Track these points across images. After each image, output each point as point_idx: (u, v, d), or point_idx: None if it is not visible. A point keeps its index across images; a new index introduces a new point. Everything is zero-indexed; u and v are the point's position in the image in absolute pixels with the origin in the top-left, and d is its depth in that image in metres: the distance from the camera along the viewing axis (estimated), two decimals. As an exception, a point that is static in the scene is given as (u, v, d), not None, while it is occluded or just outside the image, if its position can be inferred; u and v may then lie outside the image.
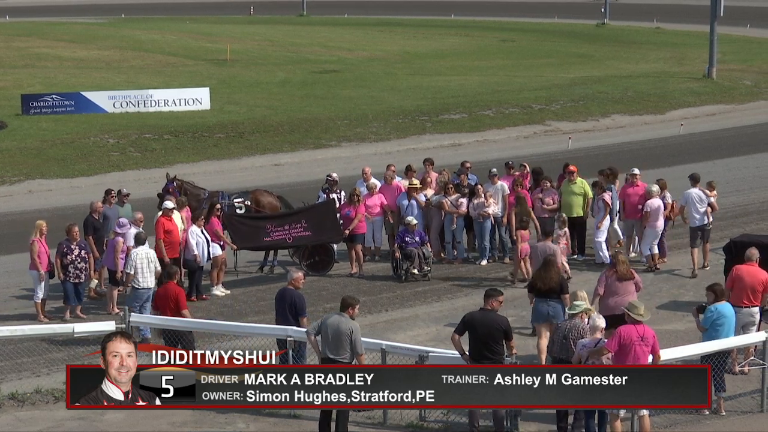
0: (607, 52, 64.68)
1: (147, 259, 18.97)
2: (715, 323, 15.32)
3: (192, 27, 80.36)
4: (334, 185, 23.81)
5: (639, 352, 13.68)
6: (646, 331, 13.79)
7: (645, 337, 13.75)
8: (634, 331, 13.72)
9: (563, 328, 14.83)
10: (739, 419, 15.22)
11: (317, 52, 65.13)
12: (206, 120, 41.56)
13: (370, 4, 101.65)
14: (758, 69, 56.76)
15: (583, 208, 22.99)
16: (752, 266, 16.78)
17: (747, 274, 16.65)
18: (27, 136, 38.79)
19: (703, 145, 38.71)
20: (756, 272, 16.68)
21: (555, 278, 17.10)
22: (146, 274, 18.88)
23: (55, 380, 16.52)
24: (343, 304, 14.59)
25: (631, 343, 13.67)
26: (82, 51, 63.66)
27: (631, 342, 13.67)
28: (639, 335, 13.73)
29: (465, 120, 43.07)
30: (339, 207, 23.08)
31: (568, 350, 14.54)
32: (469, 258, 23.50)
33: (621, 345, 13.65)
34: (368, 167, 24.54)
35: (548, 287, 16.99)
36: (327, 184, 23.95)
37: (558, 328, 15.06)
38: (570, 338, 14.60)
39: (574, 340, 14.51)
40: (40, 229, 19.92)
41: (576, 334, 14.57)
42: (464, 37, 74.89)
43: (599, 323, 14.38)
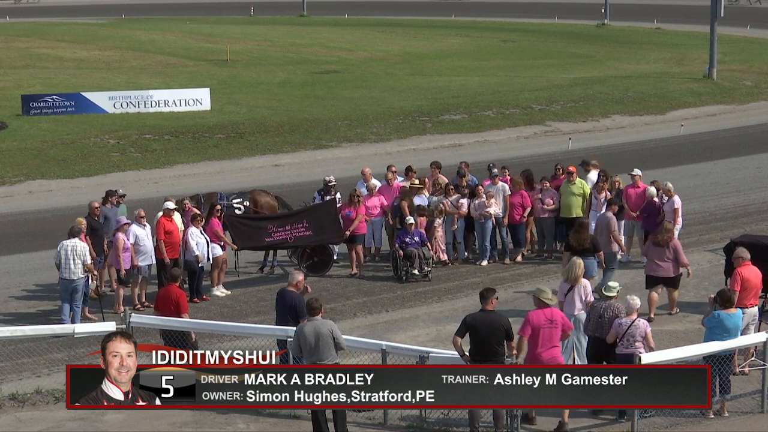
0: (608, 53, 64.67)
1: (73, 252, 19.23)
2: (712, 330, 15.25)
3: (192, 27, 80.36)
4: (331, 189, 23.76)
5: (547, 335, 14.46)
6: (554, 314, 14.63)
7: (553, 319, 14.55)
8: (542, 315, 14.54)
9: (599, 308, 15.58)
10: (739, 420, 15.22)
11: (317, 53, 65.14)
12: (206, 120, 41.56)
13: (370, 4, 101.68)
14: (758, 69, 56.77)
15: (582, 208, 22.99)
16: (750, 266, 16.90)
17: (752, 274, 16.79)
18: (27, 136, 38.79)
19: (703, 145, 38.71)
20: (756, 271, 16.86)
21: (587, 239, 19.40)
22: (71, 266, 19.24)
23: (55, 380, 16.52)
24: (312, 309, 14.47)
25: (540, 326, 14.46)
26: (83, 51, 63.66)
27: (540, 325, 14.46)
28: (547, 318, 14.53)
29: (465, 120, 43.07)
30: (339, 207, 23.08)
31: (602, 328, 15.32)
32: (469, 259, 23.50)
33: (533, 329, 14.39)
34: (368, 168, 24.53)
35: (582, 247, 19.21)
36: (324, 187, 23.90)
37: (594, 307, 15.77)
38: (605, 317, 15.38)
39: (609, 319, 15.32)
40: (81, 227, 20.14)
41: (611, 313, 15.37)
42: (465, 38, 74.88)
43: (635, 304, 15.25)
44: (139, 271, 20.64)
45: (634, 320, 15.09)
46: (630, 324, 15.05)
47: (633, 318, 15.12)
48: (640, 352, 14.77)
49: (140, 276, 20.73)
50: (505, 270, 22.81)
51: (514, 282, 21.98)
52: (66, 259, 19.25)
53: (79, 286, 19.35)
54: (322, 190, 23.87)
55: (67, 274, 19.29)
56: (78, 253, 19.26)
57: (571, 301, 16.49)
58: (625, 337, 15.01)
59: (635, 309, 15.19)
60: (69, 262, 19.25)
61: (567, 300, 16.50)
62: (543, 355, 14.40)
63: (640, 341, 15.00)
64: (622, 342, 15.05)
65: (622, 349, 15.01)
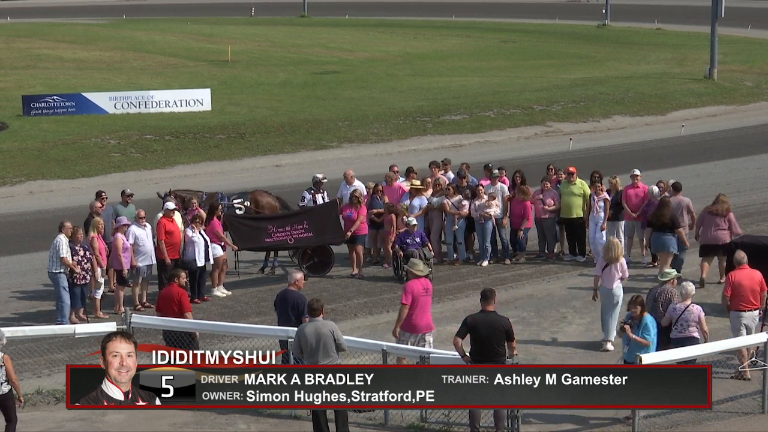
0: (608, 53, 64.69)
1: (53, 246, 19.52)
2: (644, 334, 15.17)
3: (193, 28, 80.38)
4: (320, 186, 23.81)
5: (424, 302, 15.86)
6: (427, 284, 16.09)
7: (428, 288, 15.99)
8: (419, 285, 15.86)
9: (654, 292, 16.40)
10: (740, 420, 15.21)
11: (318, 53, 65.15)
12: (207, 121, 41.56)
13: (371, 5, 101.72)
14: (759, 70, 56.78)
15: (582, 208, 22.99)
16: (746, 269, 16.91)
17: (745, 278, 16.77)
18: (28, 137, 38.80)
19: (703, 146, 38.72)
20: (752, 274, 16.84)
21: (667, 215, 20.96)
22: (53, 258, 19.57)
23: (55, 381, 16.53)
24: (313, 310, 14.52)
25: (419, 295, 15.77)
26: (83, 52, 63.68)
27: (419, 294, 15.78)
28: (423, 288, 15.91)
29: (466, 121, 43.08)
30: (340, 208, 23.07)
31: (656, 312, 15.90)
32: (470, 259, 23.49)
33: (413, 297, 15.66)
34: (351, 171, 24.60)
35: (662, 222, 20.93)
36: (313, 184, 23.94)
37: (650, 291, 16.61)
38: (659, 301, 16.16)
39: (663, 303, 16.10)
40: (98, 227, 20.27)
41: (665, 298, 16.14)
42: (465, 38, 74.89)
43: (690, 289, 15.86)
44: (138, 271, 20.65)
45: (687, 305, 15.67)
46: (684, 309, 15.64)
47: (687, 303, 15.70)
48: (694, 335, 15.47)
49: (140, 276, 20.74)
50: (505, 270, 22.81)
51: (514, 282, 21.99)
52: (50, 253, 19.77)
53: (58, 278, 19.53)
54: (312, 188, 23.89)
55: (49, 265, 19.72)
56: (56, 247, 19.53)
57: (608, 277, 17.73)
58: (679, 322, 15.63)
59: (690, 294, 15.77)
60: (51, 254, 19.69)
61: (604, 275, 17.76)
62: (420, 321, 15.78)
63: (694, 326, 15.58)
64: (676, 326, 15.66)
65: (676, 334, 15.60)
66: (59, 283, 19.58)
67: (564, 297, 21.00)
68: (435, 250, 22.93)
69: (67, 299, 19.61)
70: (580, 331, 19.03)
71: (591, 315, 19.71)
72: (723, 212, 20.88)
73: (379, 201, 23.35)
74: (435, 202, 23.22)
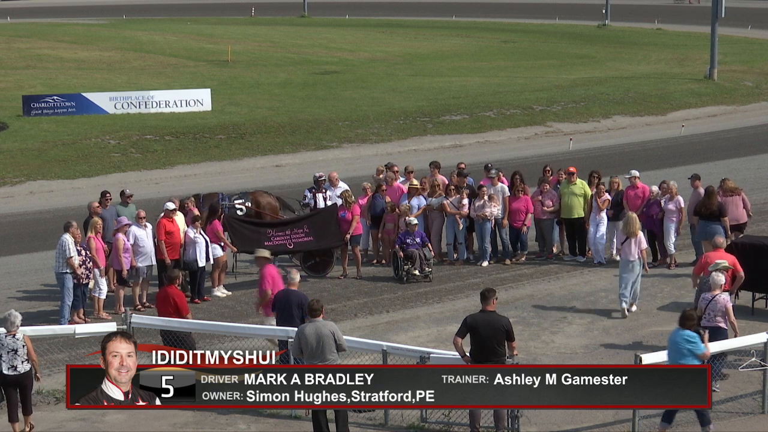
0: (608, 53, 64.68)
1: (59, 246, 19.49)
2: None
3: (193, 28, 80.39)
4: (321, 185, 23.82)
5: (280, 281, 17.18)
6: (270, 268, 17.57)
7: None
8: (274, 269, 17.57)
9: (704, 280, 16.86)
10: (739, 420, 15.22)
11: (318, 53, 65.16)
12: (207, 121, 41.57)
13: (371, 5, 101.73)
14: (759, 70, 56.75)
15: (583, 209, 22.99)
16: (721, 252, 17.80)
17: (715, 258, 17.48)
18: (28, 137, 38.81)
19: (704, 146, 38.71)
20: (723, 256, 17.67)
21: (715, 204, 21.48)
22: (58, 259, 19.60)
23: (56, 381, 16.53)
24: (314, 311, 14.51)
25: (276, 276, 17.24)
26: (83, 52, 63.69)
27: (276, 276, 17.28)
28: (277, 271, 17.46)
29: (466, 121, 43.08)
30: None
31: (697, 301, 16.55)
32: (470, 259, 23.49)
33: (273, 280, 17.11)
34: (335, 173, 24.63)
35: (710, 211, 21.43)
36: (314, 183, 23.96)
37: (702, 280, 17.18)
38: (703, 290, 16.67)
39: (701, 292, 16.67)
40: (96, 227, 20.26)
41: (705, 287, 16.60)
42: (465, 39, 74.90)
43: (719, 280, 16.22)
44: (138, 272, 20.65)
45: (715, 296, 16.02)
46: (711, 299, 16.01)
47: (715, 293, 16.05)
48: (721, 326, 15.84)
49: (140, 277, 20.74)
50: (505, 270, 22.81)
51: (514, 282, 21.99)
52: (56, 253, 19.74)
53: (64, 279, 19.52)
54: (313, 187, 23.90)
55: (55, 266, 19.71)
56: (63, 248, 19.50)
57: (627, 249, 19.28)
58: (707, 311, 15.96)
59: (718, 285, 16.11)
60: (57, 255, 19.67)
61: (624, 248, 19.37)
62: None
63: (720, 316, 15.91)
64: (705, 316, 15.90)
65: (705, 323, 15.74)
66: (65, 284, 19.56)
67: (564, 297, 21.01)
68: (435, 250, 22.95)
69: (70, 300, 19.63)
70: (580, 331, 19.04)
71: (591, 315, 19.75)
72: (738, 191, 22.10)
73: (382, 200, 23.39)
74: (435, 203, 23.23)
